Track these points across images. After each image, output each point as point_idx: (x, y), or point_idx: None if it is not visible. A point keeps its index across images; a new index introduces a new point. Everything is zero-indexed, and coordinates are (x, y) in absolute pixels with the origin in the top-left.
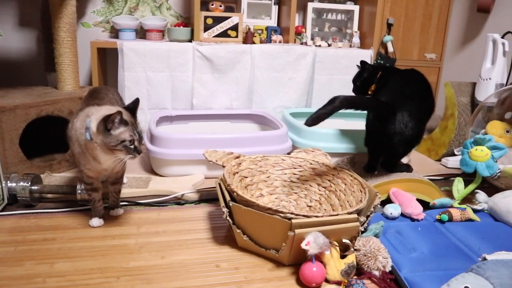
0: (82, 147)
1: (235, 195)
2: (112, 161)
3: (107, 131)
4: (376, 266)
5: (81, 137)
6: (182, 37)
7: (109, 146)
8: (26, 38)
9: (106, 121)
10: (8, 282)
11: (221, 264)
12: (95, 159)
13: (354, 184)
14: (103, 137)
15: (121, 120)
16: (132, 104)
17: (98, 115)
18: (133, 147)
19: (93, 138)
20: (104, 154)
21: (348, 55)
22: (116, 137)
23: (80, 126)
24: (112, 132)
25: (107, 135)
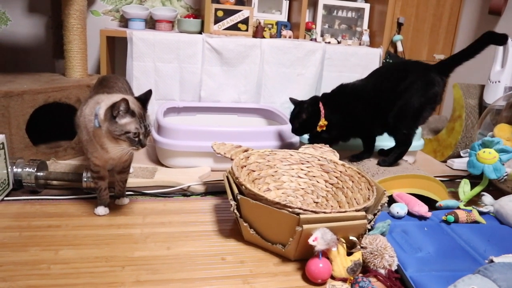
0: (90, 134)
1: (243, 188)
2: (118, 150)
3: (113, 118)
4: (382, 265)
5: (89, 124)
6: (192, 28)
7: (113, 135)
8: (35, 24)
9: (113, 108)
10: (13, 267)
11: (227, 257)
12: (102, 147)
13: (362, 181)
14: (109, 125)
15: (127, 109)
16: (143, 95)
17: (108, 101)
18: (137, 140)
19: (101, 125)
20: (110, 142)
21: (357, 53)
22: (121, 127)
23: (89, 113)
24: (118, 120)
25: (112, 123)
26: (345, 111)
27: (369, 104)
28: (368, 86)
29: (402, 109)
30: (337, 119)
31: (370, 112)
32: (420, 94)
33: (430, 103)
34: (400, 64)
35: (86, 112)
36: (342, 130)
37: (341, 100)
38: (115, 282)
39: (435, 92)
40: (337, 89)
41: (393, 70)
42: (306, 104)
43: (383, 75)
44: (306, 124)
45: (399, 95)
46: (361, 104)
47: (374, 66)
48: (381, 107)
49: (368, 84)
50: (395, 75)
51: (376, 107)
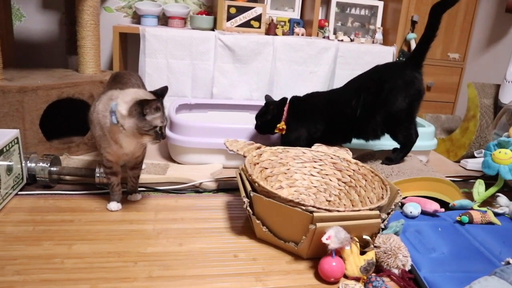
0: (104, 130)
1: (256, 185)
2: (134, 145)
3: (142, 115)
4: (396, 264)
5: (103, 120)
6: (204, 25)
7: (141, 131)
8: (49, 20)
9: (143, 106)
10: (27, 261)
11: (239, 254)
12: (117, 142)
13: (375, 180)
14: (137, 122)
15: (156, 107)
16: (160, 90)
17: (126, 98)
18: (160, 133)
19: (120, 121)
20: (127, 138)
21: (370, 51)
22: (150, 123)
23: (103, 109)
24: (147, 117)
25: (141, 120)
26: (308, 119)
27: (339, 116)
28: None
29: (394, 116)
30: (296, 125)
31: (339, 123)
32: (404, 95)
33: (416, 99)
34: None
35: (100, 108)
36: (302, 135)
37: (307, 107)
38: (128, 277)
39: (417, 88)
40: (308, 96)
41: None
42: (273, 106)
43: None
44: (268, 124)
45: (381, 104)
46: (329, 115)
47: None
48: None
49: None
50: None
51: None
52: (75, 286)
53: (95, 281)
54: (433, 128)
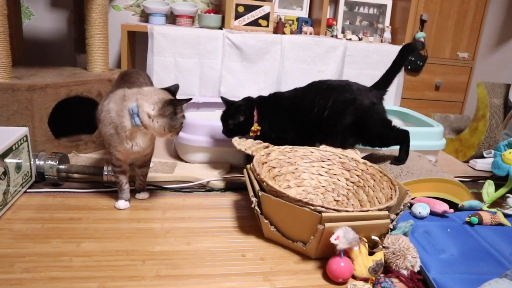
0: (118, 129)
1: (264, 185)
2: (148, 142)
3: (175, 115)
4: (404, 265)
5: (118, 120)
6: (212, 24)
7: (171, 129)
8: (57, 19)
9: (175, 106)
10: (36, 259)
11: (247, 253)
12: (133, 141)
13: (384, 180)
14: (170, 121)
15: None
16: (173, 87)
17: (150, 99)
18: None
19: (145, 121)
20: (146, 136)
21: (379, 50)
22: (179, 120)
23: (117, 108)
24: (178, 115)
25: (174, 119)
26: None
27: (306, 116)
28: (308, 98)
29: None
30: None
31: (307, 124)
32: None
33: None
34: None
35: (111, 107)
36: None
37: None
38: (136, 276)
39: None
40: (272, 96)
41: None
42: (244, 106)
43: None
44: (240, 126)
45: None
46: (297, 116)
47: None
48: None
49: (308, 97)
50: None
51: (317, 121)
52: (83, 284)
53: (103, 279)
54: (441, 128)
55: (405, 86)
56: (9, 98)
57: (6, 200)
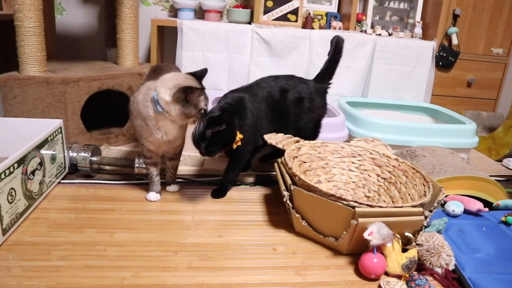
0: (145, 119)
1: (296, 179)
2: (177, 130)
3: (186, 102)
4: (439, 263)
5: (144, 110)
6: (241, 18)
7: (188, 115)
8: (88, 14)
9: (187, 93)
10: (71, 247)
11: (278, 247)
12: (161, 130)
13: (416, 177)
14: (183, 108)
15: (200, 93)
16: (199, 72)
17: (167, 84)
18: (204, 113)
19: (165, 108)
20: (172, 123)
21: (409, 45)
22: (195, 107)
23: (143, 99)
24: (194, 102)
25: (187, 106)
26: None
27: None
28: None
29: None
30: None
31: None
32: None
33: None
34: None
35: (139, 98)
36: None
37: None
38: (169, 266)
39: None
40: (240, 99)
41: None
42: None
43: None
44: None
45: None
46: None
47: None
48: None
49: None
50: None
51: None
52: (117, 273)
53: (137, 269)
54: (474, 125)
55: (436, 83)
56: (44, 91)
57: (42, 190)
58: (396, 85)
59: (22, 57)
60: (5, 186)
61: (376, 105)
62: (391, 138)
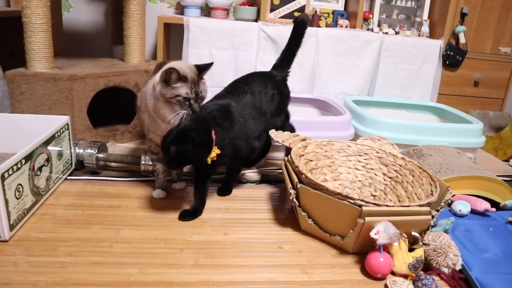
0: (149, 110)
1: (303, 177)
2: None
3: (165, 83)
4: (446, 263)
5: (149, 99)
6: (248, 16)
7: (165, 97)
8: (95, 11)
9: (166, 74)
10: (78, 243)
11: (284, 246)
12: (164, 119)
13: (423, 176)
14: (161, 88)
15: (179, 76)
16: (204, 65)
17: (163, 69)
18: (187, 104)
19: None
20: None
21: (416, 44)
22: (171, 91)
23: (145, 90)
24: (171, 85)
25: (163, 87)
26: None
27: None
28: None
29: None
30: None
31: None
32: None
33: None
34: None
35: (147, 91)
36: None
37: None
38: (175, 264)
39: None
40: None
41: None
42: (195, 132)
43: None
44: (187, 157)
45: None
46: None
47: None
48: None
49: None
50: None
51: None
52: (124, 270)
53: (143, 266)
54: (481, 124)
55: (443, 82)
56: (51, 87)
57: (49, 186)
58: (402, 84)
59: (29, 53)
60: (12, 182)
61: (382, 104)
62: (398, 137)
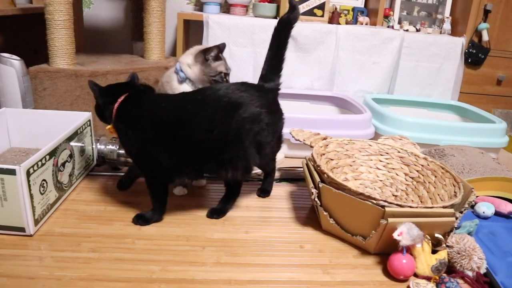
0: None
1: (325, 177)
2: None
3: (206, 61)
4: (470, 266)
5: (167, 86)
6: (267, 13)
7: (207, 76)
8: (115, 8)
9: (205, 53)
10: (101, 239)
11: (305, 245)
12: None
13: (446, 177)
14: (203, 67)
15: (217, 54)
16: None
17: (189, 51)
18: (225, 80)
19: (187, 72)
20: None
21: (437, 42)
22: (214, 68)
23: (165, 79)
24: (211, 63)
25: (206, 65)
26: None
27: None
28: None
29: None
30: (128, 139)
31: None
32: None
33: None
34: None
35: (163, 80)
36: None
37: (147, 116)
38: (197, 261)
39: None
40: (147, 96)
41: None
42: (102, 89)
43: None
44: (101, 112)
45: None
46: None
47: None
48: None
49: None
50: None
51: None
52: (146, 266)
53: (165, 263)
54: (504, 124)
55: (464, 80)
56: (73, 83)
57: (71, 182)
58: (423, 82)
59: (52, 50)
60: (37, 178)
61: (402, 102)
62: (418, 136)
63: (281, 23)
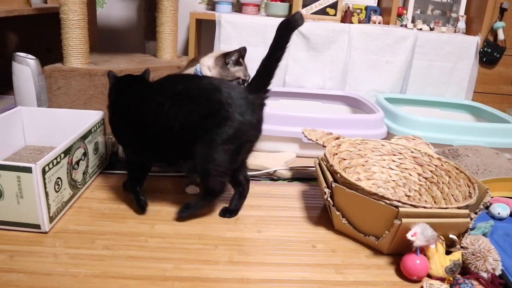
0: None
1: (338, 176)
2: None
3: (226, 65)
4: (485, 268)
5: None
6: (279, 12)
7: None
8: (128, 7)
9: (226, 56)
10: (114, 237)
11: (317, 245)
12: None
13: (460, 178)
14: (221, 70)
15: (237, 59)
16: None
17: (211, 54)
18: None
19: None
20: None
21: (452, 41)
22: (232, 73)
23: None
24: (230, 68)
25: (225, 69)
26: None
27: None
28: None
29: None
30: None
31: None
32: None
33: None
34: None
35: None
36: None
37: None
38: (209, 260)
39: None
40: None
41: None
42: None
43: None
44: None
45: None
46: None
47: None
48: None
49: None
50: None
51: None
52: (159, 264)
53: (178, 261)
54: None
55: (479, 80)
56: (87, 82)
57: (85, 180)
58: (436, 81)
59: (66, 49)
60: (52, 176)
61: (415, 102)
62: (432, 136)
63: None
